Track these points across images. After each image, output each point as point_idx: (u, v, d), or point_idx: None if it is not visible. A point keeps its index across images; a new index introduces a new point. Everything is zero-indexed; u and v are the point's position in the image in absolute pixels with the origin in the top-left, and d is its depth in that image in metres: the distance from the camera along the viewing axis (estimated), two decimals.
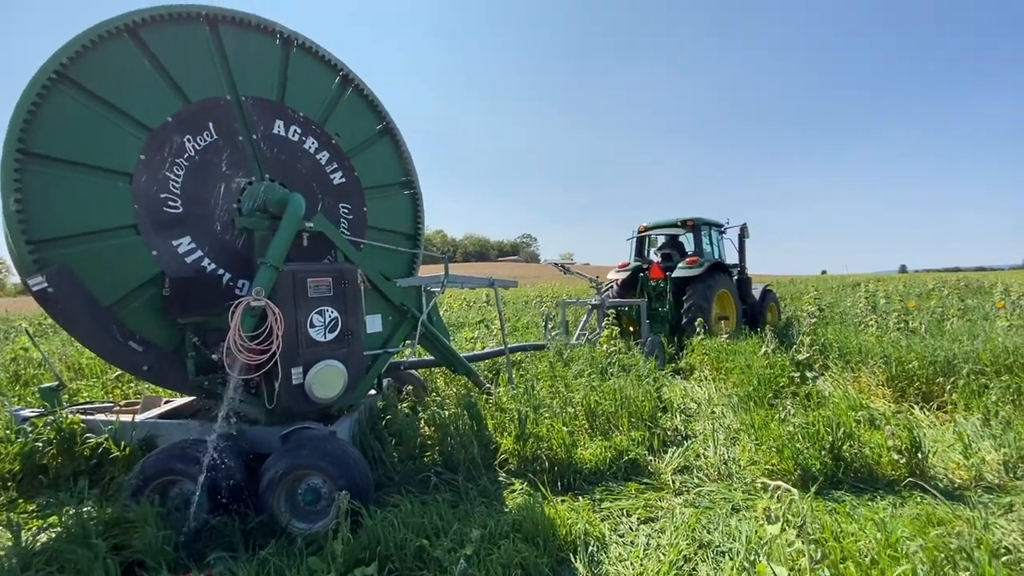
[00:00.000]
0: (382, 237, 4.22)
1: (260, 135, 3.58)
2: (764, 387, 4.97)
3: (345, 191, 4.02)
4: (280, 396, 3.08)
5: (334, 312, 3.27)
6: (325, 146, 3.90)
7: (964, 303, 12.65)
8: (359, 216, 4.10)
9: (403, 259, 4.41)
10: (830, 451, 3.54)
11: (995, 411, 4.15)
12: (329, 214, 3.87)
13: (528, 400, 4.24)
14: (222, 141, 3.41)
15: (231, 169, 3.47)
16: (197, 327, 3.16)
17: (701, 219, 9.09)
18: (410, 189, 4.46)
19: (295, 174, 3.74)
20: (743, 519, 3.01)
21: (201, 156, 3.34)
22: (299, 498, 2.99)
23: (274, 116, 3.66)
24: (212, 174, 3.39)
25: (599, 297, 8.67)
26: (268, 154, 3.62)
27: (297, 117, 3.76)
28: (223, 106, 3.42)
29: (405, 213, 4.46)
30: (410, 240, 4.48)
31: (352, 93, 4.07)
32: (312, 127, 3.84)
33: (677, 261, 8.91)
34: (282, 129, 3.69)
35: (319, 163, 3.88)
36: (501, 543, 2.56)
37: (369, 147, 4.18)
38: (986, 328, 7.22)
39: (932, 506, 2.98)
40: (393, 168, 4.36)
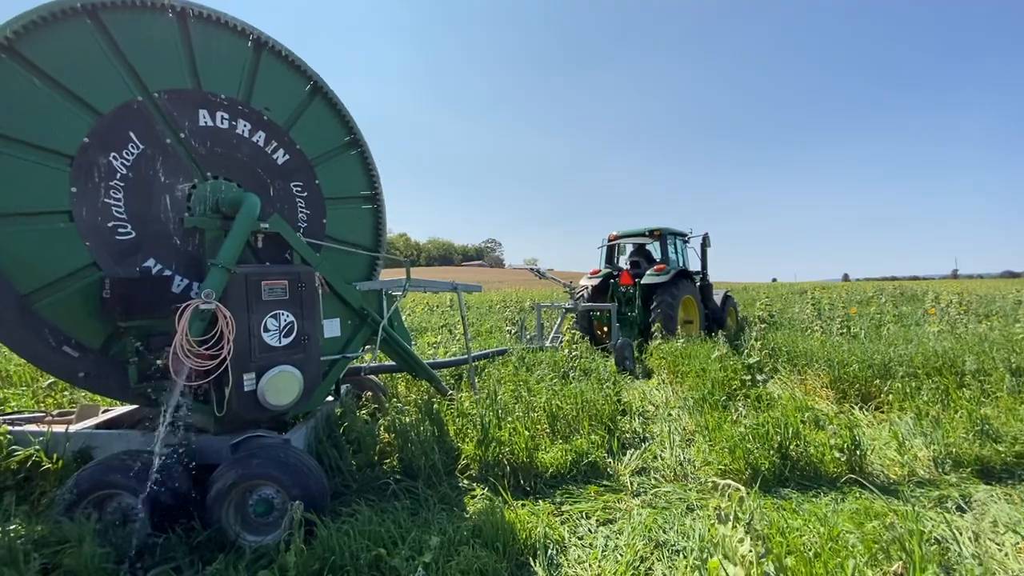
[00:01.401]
0: (340, 214, 4.04)
1: (188, 131, 3.29)
2: (718, 390, 5.15)
3: (292, 168, 3.75)
4: (231, 403, 2.96)
5: (289, 316, 3.17)
6: (259, 125, 3.58)
7: (899, 310, 13.51)
8: (314, 192, 3.87)
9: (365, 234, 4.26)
10: (778, 450, 3.69)
11: (926, 411, 4.43)
12: (283, 197, 3.69)
13: (491, 405, 4.24)
14: (150, 150, 3.14)
15: (169, 177, 3.22)
16: (140, 331, 2.99)
17: (667, 229, 9.71)
18: (357, 148, 4.14)
19: (237, 164, 3.50)
20: (697, 518, 3.10)
21: (134, 172, 3.08)
22: (250, 509, 2.87)
23: (195, 106, 3.32)
24: (152, 188, 3.16)
25: (572, 302, 9.19)
26: (202, 150, 3.35)
27: (220, 101, 3.41)
28: (137, 110, 3.09)
29: (357, 173, 4.17)
30: (368, 200, 4.25)
31: (269, 57, 3.62)
32: (239, 107, 3.49)
33: (645, 268, 9.52)
34: (208, 119, 3.37)
35: (257, 146, 3.59)
36: (460, 549, 2.54)
37: (304, 112, 3.83)
38: (918, 333, 7.74)
39: (870, 501, 3.17)
40: (336, 131, 4.03)
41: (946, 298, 13.55)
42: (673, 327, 8.40)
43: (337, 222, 4.02)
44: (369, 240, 4.26)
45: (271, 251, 3.54)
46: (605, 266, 10.24)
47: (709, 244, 10.81)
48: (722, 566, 2.08)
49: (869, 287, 29.12)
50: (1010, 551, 2.66)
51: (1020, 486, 3.40)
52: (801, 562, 2.26)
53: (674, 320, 8.53)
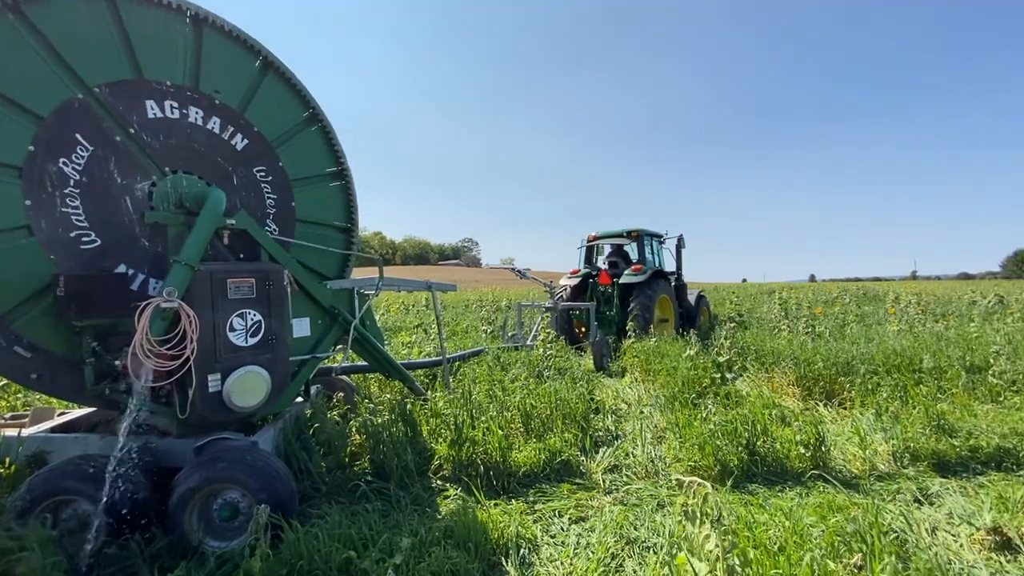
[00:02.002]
0: (309, 195, 3.90)
1: (137, 126, 3.11)
2: (688, 388, 5.25)
3: (253, 153, 3.58)
4: (194, 405, 2.86)
5: (257, 315, 3.09)
6: (212, 111, 3.38)
7: (862, 310, 14.01)
8: (279, 176, 3.72)
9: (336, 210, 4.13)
10: (746, 447, 3.78)
11: (886, 407, 4.60)
12: (248, 184, 3.56)
13: (465, 405, 4.22)
14: (100, 150, 2.99)
15: (126, 177, 3.08)
16: (97, 331, 2.87)
17: (644, 230, 10.03)
18: (317, 123, 3.92)
19: (195, 156, 3.34)
20: (667, 514, 3.14)
21: (88, 176, 2.95)
22: (214, 514, 2.78)
23: (141, 98, 3.11)
24: (110, 190, 3.02)
25: (552, 301, 9.52)
26: (156, 145, 3.18)
27: (166, 88, 3.18)
28: (80, 108, 2.92)
29: (320, 150, 3.96)
30: (336, 176, 4.06)
31: (212, 34, 3.35)
32: (187, 94, 3.27)
33: (623, 268, 9.87)
34: (157, 110, 3.17)
35: (214, 134, 3.41)
36: (432, 550, 2.51)
37: (258, 90, 3.58)
38: (879, 332, 8.04)
39: (832, 495, 3.27)
40: (294, 108, 3.81)
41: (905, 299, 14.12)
42: (649, 325, 8.68)
43: (307, 203, 3.90)
44: (341, 218, 4.13)
45: (239, 247, 3.44)
46: (584, 266, 10.52)
47: (684, 245, 11.16)
48: (689, 562, 2.11)
49: (834, 287, 30.13)
50: (965, 542, 2.78)
51: (974, 479, 3.54)
52: (766, 555, 2.31)
53: (650, 319, 8.81)
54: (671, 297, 9.79)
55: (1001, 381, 5.11)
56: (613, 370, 7.50)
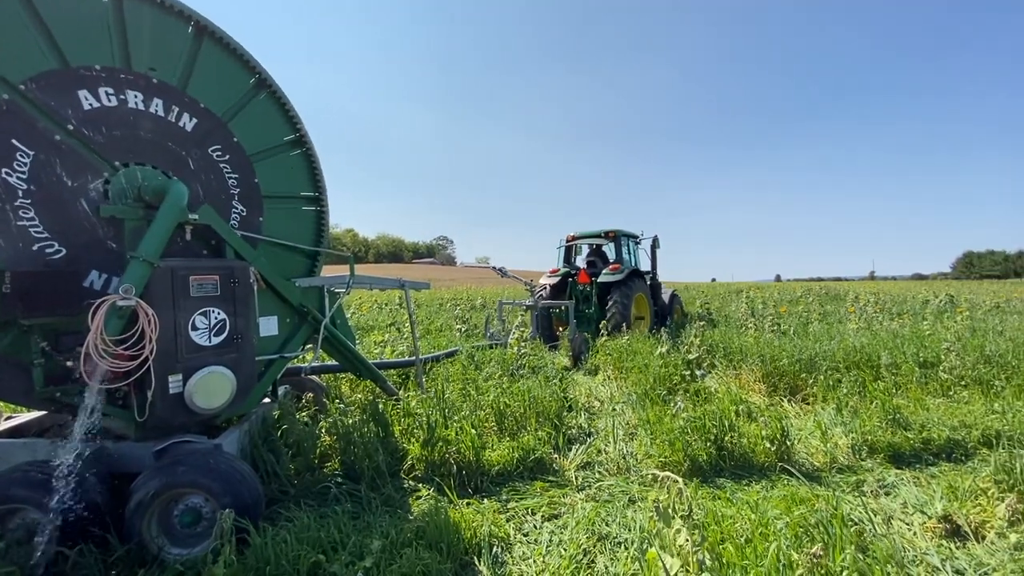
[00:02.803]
0: (270, 168, 3.70)
1: (75, 121, 2.88)
2: (660, 385, 5.33)
3: (205, 132, 3.35)
4: (154, 407, 2.75)
5: (221, 313, 2.99)
6: (151, 92, 3.10)
7: (824, 309, 14.51)
8: (236, 152, 3.50)
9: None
10: (715, 442, 3.86)
11: (846, 402, 4.77)
12: (206, 166, 3.37)
13: (437, 404, 4.18)
14: (42, 154, 2.78)
15: (76, 179, 2.89)
16: (46, 330, 2.73)
17: (621, 231, 10.39)
18: (266, 89, 3.63)
19: (143, 144, 3.11)
20: (638, 510, 3.18)
21: (35, 184, 2.76)
22: (175, 520, 2.68)
23: (72, 88, 2.85)
24: (62, 195, 2.85)
25: (533, 299, 9.70)
26: (100, 138, 2.96)
27: (96, 74, 2.92)
28: (9, 111, 2.70)
29: (275, 118, 3.72)
30: (295, 144, 3.83)
31: (133, 5, 3.02)
32: (121, 76, 2.99)
33: (601, 268, 10.19)
34: (92, 99, 2.92)
35: (158, 116, 3.15)
36: (403, 552, 2.48)
37: (196, 62, 3.28)
38: (840, 330, 8.34)
39: (796, 487, 3.36)
40: (239, 76, 3.52)
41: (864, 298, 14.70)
42: (627, 323, 8.97)
43: (270, 177, 3.70)
44: (308, 187, 3.95)
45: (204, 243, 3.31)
46: (564, 265, 10.79)
47: (658, 245, 11.57)
48: (660, 556, 2.14)
49: (799, 287, 31.17)
50: (918, 530, 2.90)
51: (927, 470, 3.71)
52: (735, 548, 2.37)
53: (628, 316, 9.13)
54: (647, 296, 10.12)
55: (951, 376, 5.37)
56: (587, 368, 7.57)
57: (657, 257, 11.71)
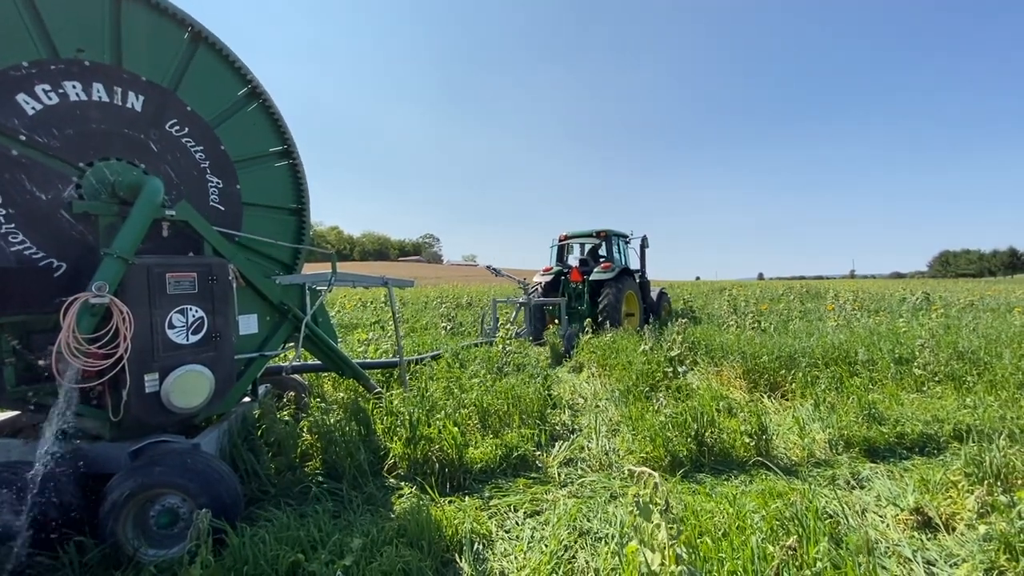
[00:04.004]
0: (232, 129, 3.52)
1: (25, 129, 2.71)
2: (642, 381, 5.38)
3: (155, 108, 3.14)
4: (130, 406, 2.70)
5: (199, 311, 2.94)
6: (87, 76, 2.88)
7: (805, 306, 14.77)
8: (195, 122, 3.30)
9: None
10: (695, 438, 3.91)
11: (823, 397, 4.86)
12: (169, 145, 3.21)
13: (420, 402, 4.17)
14: (6, 173, 2.67)
15: (47, 190, 2.78)
16: (16, 328, 2.66)
17: (611, 231, 10.78)
18: (204, 43, 3.35)
19: (100, 136, 2.95)
20: (619, 506, 3.21)
21: (11, 206, 2.68)
22: (151, 521, 2.64)
23: (8, 94, 2.66)
24: (41, 211, 2.76)
25: (526, 296, 10.11)
26: (55, 142, 2.81)
27: (26, 71, 2.69)
28: None
29: (223, 75, 3.48)
30: (250, 97, 3.60)
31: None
32: (51, 68, 2.75)
33: (592, 266, 10.48)
34: (32, 101, 2.73)
35: (104, 103, 2.95)
36: (384, 550, 2.47)
37: (122, 29, 2.99)
38: (819, 328, 8.49)
39: (774, 482, 3.43)
40: (172, 34, 3.24)
41: (844, 296, 14.98)
42: (617, 319, 9.31)
43: (234, 140, 3.54)
44: (275, 142, 3.78)
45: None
46: (556, 264, 11.15)
47: (647, 245, 11.90)
48: (639, 550, 2.16)
49: (780, 285, 31.66)
50: (891, 522, 2.97)
51: (900, 463, 3.80)
52: (713, 541, 2.41)
53: (619, 313, 9.44)
54: (636, 293, 10.47)
55: (925, 372, 5.50)
56: (571, 365, 7.61)
57: (646, 256, 12.01)
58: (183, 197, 3.29)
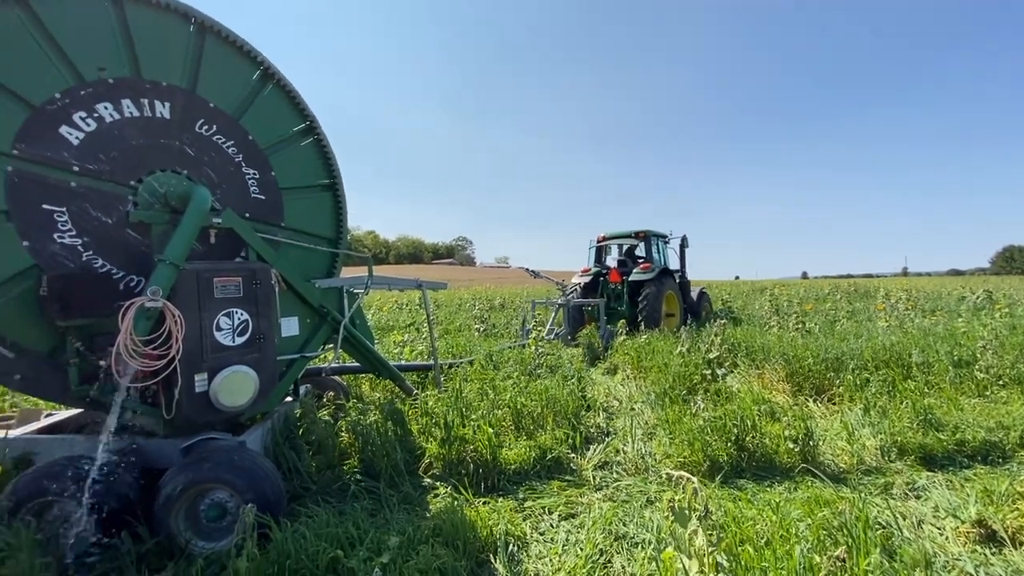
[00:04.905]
0: (256, 116, 3.56)
1: (76, 160, 2.84)
2: (679, 384, 5.26)
3: (183, 110, 3.19)
4: (181, 405, 2.84)
5: (244, 314, 3.07)
6: (114, 95, 2.93)
7: (853, 306, 14.12)
8: (221, 117, 3.35)
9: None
10: (735, 442, 3.80)
11: (874, 402, 4.63)
12: (202, 146, 3.29)
13: (455, 403, 4.21)
14: (72, 205, 2.84)
15: (109, 214, 2.97)
16: (81, 331, 2.84)
17: (650, 231, 10.79)
18: (210, 33, 3.30)
19: (141, 151, 3.05)
20: (656, 510, 3.15)
21: (86, 235, 2.90)
22: (201, 515, 2.77)
23: (51, 128, 2.76)
24: (112, 233, 2.99)
25: (564, 298, 10.15)
26: (105, 166, 2.93)
27: (61, 103, 2.78)
28: (21, 179, 2.70)
29: (236, 65, 3.46)
30: (264, 79, 3.59)
31: (42, 8, 2.72)
32: (82, 93, 2.83)
33: (631, 267, 10.54)
34: (74, 130, 2.85)
35: (136, 117, 3.02)
36: (420, 549, 2.51)
37: (133, 37, 2.99)
38: (869, 328, 8.10)
39: (820, 489, 3.29)
40: (178, 28, 3.20)
41: (895, 295, 14.23)
42: (657, 320, 9.31)
43: (259, 127, 3.56)
44: (298, 119, 3.80)
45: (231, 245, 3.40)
46: (594, 265, 11.18)
47: (687, 245, 11.83)
48: (677, 557, 2.12)
49: (826, 284, 30.38)
50: (950, 535, 2.80)
51: (960, 472, 3.58)
52: (754, 549, 2.33)
53: (659, 314, 9.43)
54: (676, 293, 10.44)
55: (987, 375, 5.16)
56: (606, 367, 7.52)
57: (686, 256, 11.93)
58: (225, 195, 3.43)
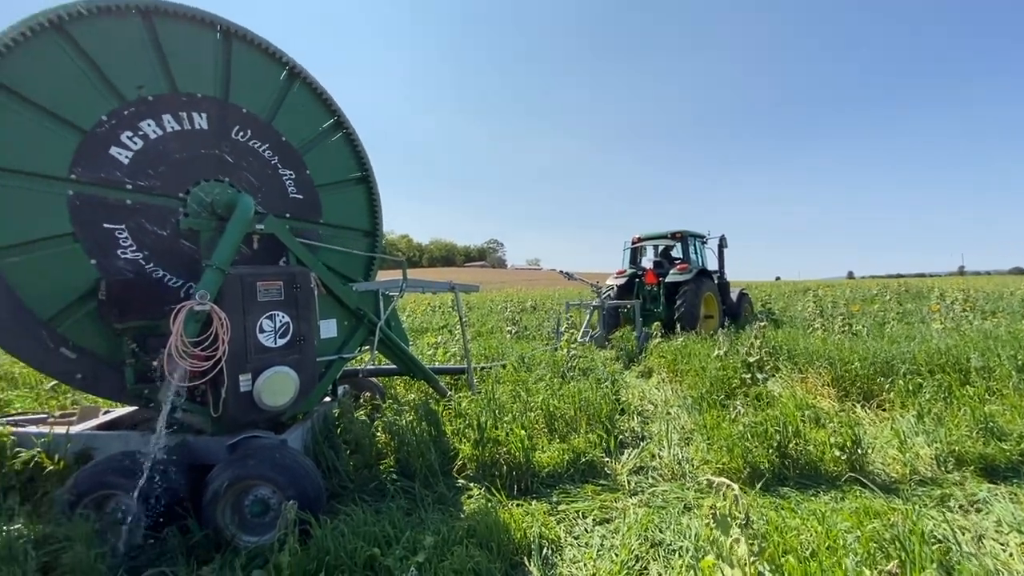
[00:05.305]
0: (289, 117, 3.65)
1: (128, 178, 2.99)
2: (717, 388, 5.12)
3: (219, 120, 3.31)
4: (227, 404, 2.96)
5: (285, 317, 3.18)
6: (154, 111, 3.08)
7: (903, 307, 13.42)
8: (256, 123, 3.46)
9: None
10: (777, 449, 3.67)
11: (928, 408, 4.38)
12: (239, 152, 3.41)
13: (488, 405, 4.23)
14: (131, 222, 3.04)
15: (163, 226, 3.15)
16: (136, 333, 3.00)
17: (687, 231, 10.58)
18: (236, 39, 3.37)
19: (185, 164, 3.20)
20: (694, 517, 3.08)
21: (144, 248, 3.11)
22: (246, 510, 2.87)
23: (103, 150, 2.93)
24: (169, 244, 3.18)
25: (600, 300, 10.10)
26: (154, 181, 3.10)
27: (108, 125, 2.93)
28: (82, 202, 2.89)
29: (261, 63, 3.53)
30: (291, 77, 3.67)
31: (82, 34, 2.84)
32: (125, 113, 2.98)
33: (668, 268, 10.36)
34: (123, 150, 3.00)
35: (177, 131, 3.15)
36: (454, 549, 2.53)
37: (161, 50, 3.08)
38: (922, 330, 7.68)
39: (870, 500, 3.13)
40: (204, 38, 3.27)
41: (951, 295, 13.44)
42: (695, 322, 9.11)
43: (291, 128, 3.67)
44: (326, 115, 3.89)
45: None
46: (629, 266, 11.08)
47: (726, 245, 11.62)
48: (717, 565, 2.06)
49: (874, 284, 28.97)
50: (1015, 551, 2.63)
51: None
52: (798, 561, 2.24)
53: (696, 315, 9.24)
54: (715, 295, 10.22)
55: None
56: (640, 370, 7.41)
57: (724, 256, 11.71)
58: (266, 198, 3.57)
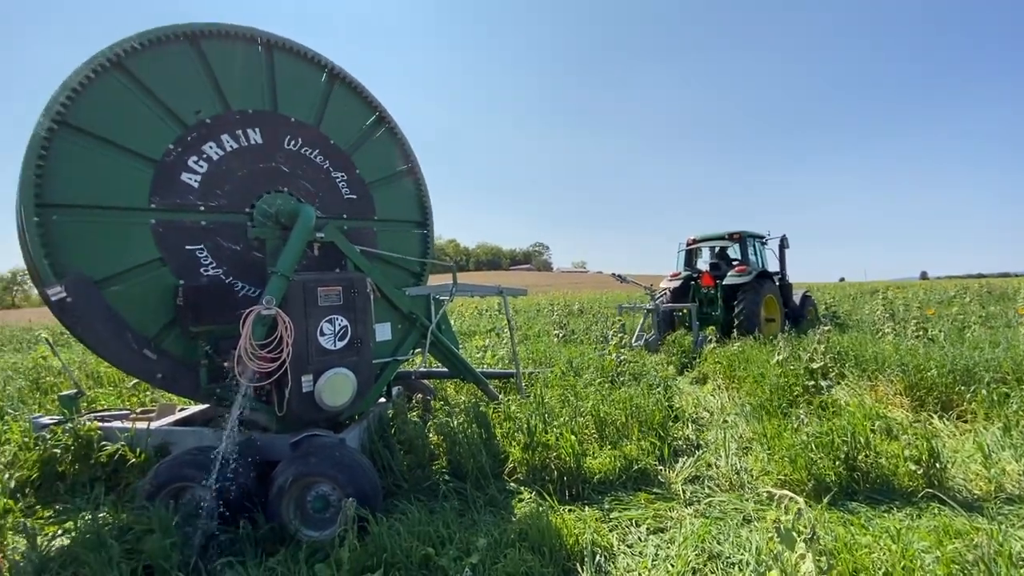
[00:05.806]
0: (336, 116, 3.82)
1: (199, 201, 3.25)
2: (777, 396, 4.90)
3: (271, 132, 3.49)
4: (290, 403, 3.12)
5: (344, 320, 3.31)
6: (211, 134, 3.28)
7: (986, 310, 12.36)
8: (304, 128, 3.62)
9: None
10: (845, 461, 3.46)
11: (1016, 421, 4.02)
12: (291, 160, 3.58)
13: (537, 409, 4.23)
14: (207, 242, 3.30)
15: (237, 242, 3.39)
16: (210, 335, 3.22)
17: (746, 232, 10.24)
18: (277, 49, 3.54)
19: (246, 180, 3.42)
20: (754, 530, 2.96)
21: (224, 264, 3.36)
22: (308, 505, 3.01)
23: (173, 178, 3.16)
24: (243, 259, 3.42)
25: (654, 303, 9.91)
26: (222, 200, 3.33)
27: (174, 154, 3.17)
28: (164, 229, 3.16)
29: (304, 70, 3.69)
30: (332, 79, 3.82)
31: (138, 67, 3.05)
32: (189, 138, 3.20)
33: (725, 270, 10.06)
34: (191, 175, 3.23)
35: (234, 149, 3.36)
36: (507, 552, 2.55)
37: (216, 74, 3.30)
38: (1008, 336, 7.04)
39: (950, 517, 2.91)
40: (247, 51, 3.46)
41: None
42: (754, 325, 8.77)
43: (337, 130, 3.82)
44: (368, 112, 4.04)
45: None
46: (684, 269, 10.79)
47: (787, 245, 11.18)
48: None
49: (951, 285, 26.79)
50: None
51: None
52: None
53: (757, 319, 8.92)
54: (776, 297, 9.85)
55: None
56: (695, 376, 7.20)
57: (786, 257, 11.26)
58: (323, 203, 3.74)
